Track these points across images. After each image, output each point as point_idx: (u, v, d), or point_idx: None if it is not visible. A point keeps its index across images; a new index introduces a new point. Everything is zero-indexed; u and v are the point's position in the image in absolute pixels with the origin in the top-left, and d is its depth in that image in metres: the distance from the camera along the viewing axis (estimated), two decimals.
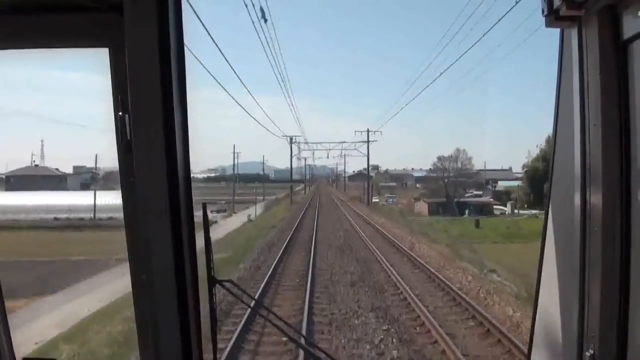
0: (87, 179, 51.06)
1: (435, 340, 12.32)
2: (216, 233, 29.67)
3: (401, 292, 16.74)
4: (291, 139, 61.66)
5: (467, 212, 50.99)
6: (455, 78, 56.67)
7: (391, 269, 20.32)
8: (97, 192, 35.99)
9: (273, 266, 20.56)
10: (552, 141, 2.20)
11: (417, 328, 13.37)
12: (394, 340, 12.17)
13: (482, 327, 13.12)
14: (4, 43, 2.08)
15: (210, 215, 2.59)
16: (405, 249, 25.38)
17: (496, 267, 20.68)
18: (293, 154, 66.03)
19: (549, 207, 2.28)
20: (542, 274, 2.29)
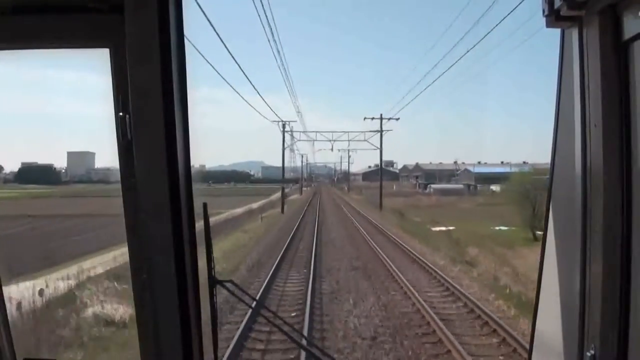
0: None
1: None
2: None
3: None
4: (284, 125, 46.79)
5: None
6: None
7: None
8: None
9: None
10: (553, 142, 2.20)
11: None
12: None
13: None
14: (4, 43, 2.08)
15: None
16: None
17: None
18: (286, 145, 49.33)
19: (549, 207, 2.28)
20: (543, 273, 2.29)
